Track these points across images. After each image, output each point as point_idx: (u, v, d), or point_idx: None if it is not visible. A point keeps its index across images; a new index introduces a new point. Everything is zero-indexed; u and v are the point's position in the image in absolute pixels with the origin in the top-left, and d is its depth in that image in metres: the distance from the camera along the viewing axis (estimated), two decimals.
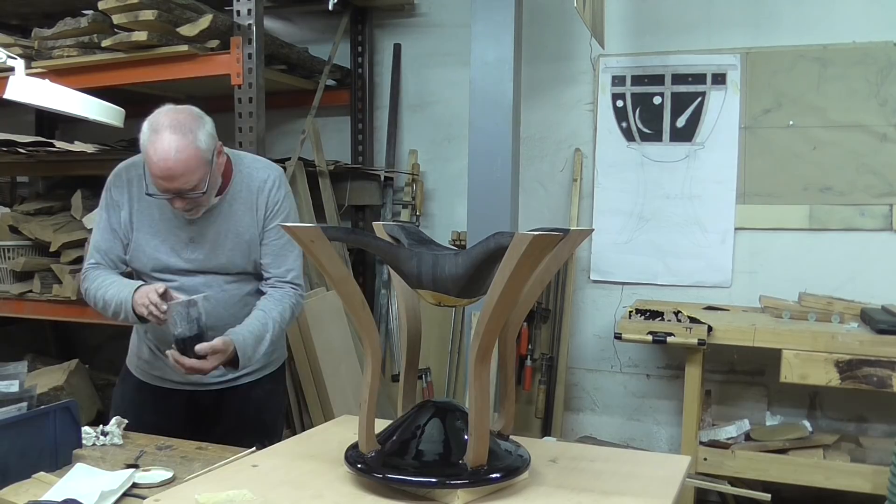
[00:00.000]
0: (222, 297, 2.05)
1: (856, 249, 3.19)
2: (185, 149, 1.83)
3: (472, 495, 1.29)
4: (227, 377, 2.09)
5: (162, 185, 1.86)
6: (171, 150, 1.82)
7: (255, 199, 2.06)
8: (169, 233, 2.02)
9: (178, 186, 1.85)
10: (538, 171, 3.61)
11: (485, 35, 2.76)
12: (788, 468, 2.85)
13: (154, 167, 1.84)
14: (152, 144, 1.84)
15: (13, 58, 1.96)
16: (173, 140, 1.83)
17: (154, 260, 2.02)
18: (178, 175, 1.83)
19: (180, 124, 1.86)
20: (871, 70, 3.13)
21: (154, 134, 1.85)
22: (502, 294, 1.19)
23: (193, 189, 1.87)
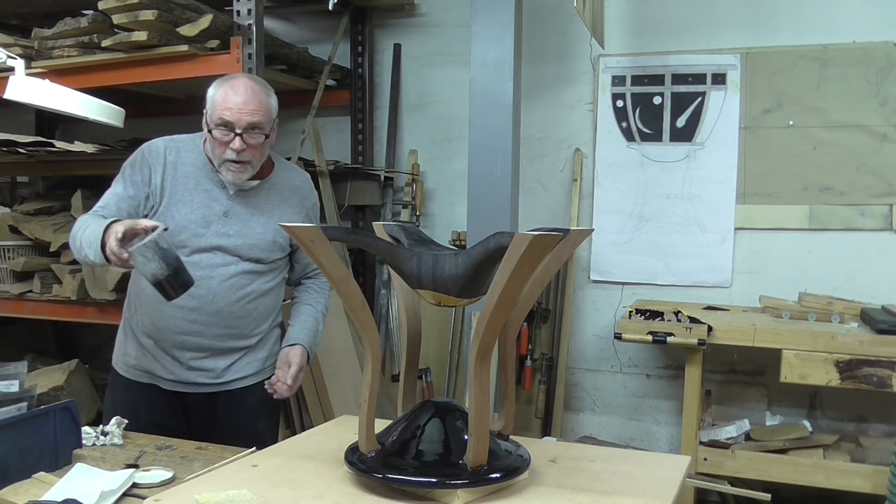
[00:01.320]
0: (235, 284, 2.03)
1: (856, 249, 3.19)
2: (258, 91, 1.95)
3: (472, 495, 1.29)
4: (219, 379, 2.07)
5: (230, 117, 1.90)
6: (247, 87, 1.93)
7: (295, 196, 2.13)
8: (203, 204, 2.01)
9: (247, 119, 1.91)
10: (538, 171, 3.61)
11: (485, 35, 2.75)
12: (788, 468, 2.85)
13: (227, 99, 1.91)
14: (227, 83, 1.94)
15: (13, 58, 1.96)
16: (249, 82, 1.96)
17: (183, 229, 1.99)
18: (250, 108, 1.92)
19: (256, 78, 2.02)
20: (871, 70, 3.13)
21: (230, 78, 1.98)
22: (502, 294, 1.19)
23: (258, 128, 1.93)
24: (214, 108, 1.94)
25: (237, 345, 2.09)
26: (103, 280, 2.93)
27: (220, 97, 1.93)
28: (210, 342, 2.04)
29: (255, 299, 2.07)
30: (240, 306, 2.05)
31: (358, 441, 1.37)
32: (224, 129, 1.92)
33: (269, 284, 2.11)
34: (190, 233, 2.00)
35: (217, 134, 1.93)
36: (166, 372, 2.05)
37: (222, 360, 2.07)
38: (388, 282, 3.78)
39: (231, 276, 2.03)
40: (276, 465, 1.47)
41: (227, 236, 2.02)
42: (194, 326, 2.02)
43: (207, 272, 1.99)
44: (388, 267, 1.47)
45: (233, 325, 2.06)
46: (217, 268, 2.01)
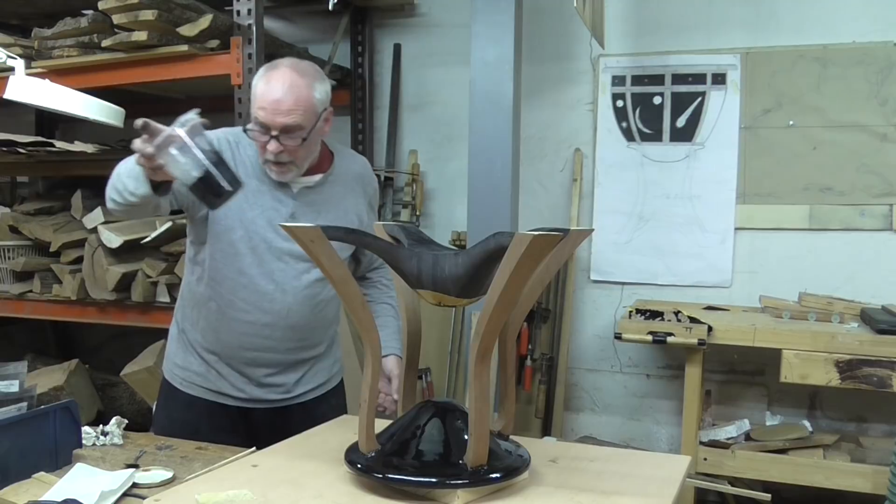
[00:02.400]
0: (310, 294, 1.90)
1: (856, 249, 3.19)
2: (298, 87, 1.75)
3: (472, 495, 1.29)
4: (290, 393, 1.97)
5: (264, 118, 1.74)
6: (285, 82, 1.74)
7: (359, 184, 2.00)
8: (268, 205, 1.86)
9: (282, 121, 1.73)
10: (538, 171, 3.61)
11: (485, 35, 2.76)
12: (788, 468, 2.85)
13: (262, 96, 1.74)
14: (266, 75, 1.77)
15: (13, 58, 1.96)
16: (290, 75, 1.76)
17: (249, 232, 1.84)
18: (285, 108, 1.73)
19: (302, 68, 1.80)
20: (871, 70, 3.13)
21: (271, 69, 1.78)
22: (502, 294, 1.19)
23: (294, 131, 1.75)
24: (252, 104, 1.79)
25: (308, 355, 1.99)
26: (103, 280, 2.93)
27: (258, 91, 1.76)
28: (283, 357, 1.94)
29: (326, 306, 1.97)
30: (313, 315, 1.94)
31: (358, 441, 1.37)
32: (259, 130, 1.77)
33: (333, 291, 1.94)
34: (257, 241, 1.86)
35: (252, 134, 1.78)
36: (234, 389, 1.94)
37: (293, 373, 1.97)
38: None
39: (306, 286, 1.90)
40: (276, 465, 1.47)
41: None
42: (267, 342, 1.90)
43: (281, 284, 1.87)
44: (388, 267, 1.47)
45: (305, 337, 1.96)
46: (291, 279, 1.88)
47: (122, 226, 2.95)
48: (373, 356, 1.36)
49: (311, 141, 1.81)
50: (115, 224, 2.94)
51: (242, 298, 1.88)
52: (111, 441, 1.77)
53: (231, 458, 1.57)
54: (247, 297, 1.87)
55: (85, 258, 2.95)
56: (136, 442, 1.80)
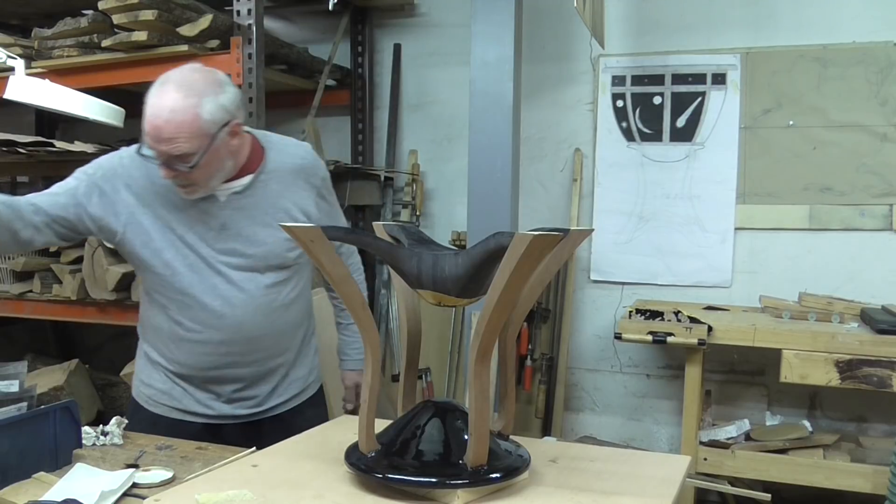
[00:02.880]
0: (262, 302, 1.83)
1: (856, 249, 3.19)
2: (181, 111, 1.60)
3: (472, 495, 1.29)
4: (263, 406, 1.91)
5: (151, 145, 1.64)
6: (165, 107, 1.60)
7: (299, 177, 1.87)
8: (196, 218, 1.76)
9: (165, 150, 1.62)
10: (538, 171, 3.61)
11: (485, 35, 2.75)
12: (788, 468, 2.85)
13: (146, 121, 1.62)
14: (151, 97, 1.63)
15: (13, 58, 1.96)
16: (172, 98, 1.60)
17: (180, 250, 1.76)
18: (165, 137, 1.60)
19: (189, 85, 1.63)
20: (871, 70, 3.13)
21: (158, 86, 1.63)
22: (502, 294, 1.19)
23: (181, 159, 1.62)
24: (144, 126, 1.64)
25: (277, 363, 1.92)
26: (103, 280, 2.93)
27: (144, 113, 1.62)
28: (249, 370, 1.87)
29: (285, 311, 1.88)
30: (271, 324, 1.85)
31: (358, 441, 1.37)
32: (151, 154, 1.66)
33: (297, 289, 1.91)
34: (192, 258, 1.77)
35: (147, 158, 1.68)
36: (201, 407, 1.89)
37: (265, 384, 1.91)
38: (388, 282, 3.78)
39: (255, 296, 1.81)
40: (276, 465, 1.47)
41: (236, 253, 1.79)
42: (227, 359, 1.84)
43: (227, 299, 1.79)
44: (388, 267, 1.47)
45: (268, 347, 1.88)
46: (236, 292, 1.80)
47: None
48: (373, 356, 1.36)
49: (208, 164, 1.66)
50: None
51: (190, 318, 1.81)
52: (111, 441, 1.77)
53: (231, 458, 1.57)
54: (194, 316, 1.80)
55: (85, 258, 2.94)
56: (136, 442, 1.79)
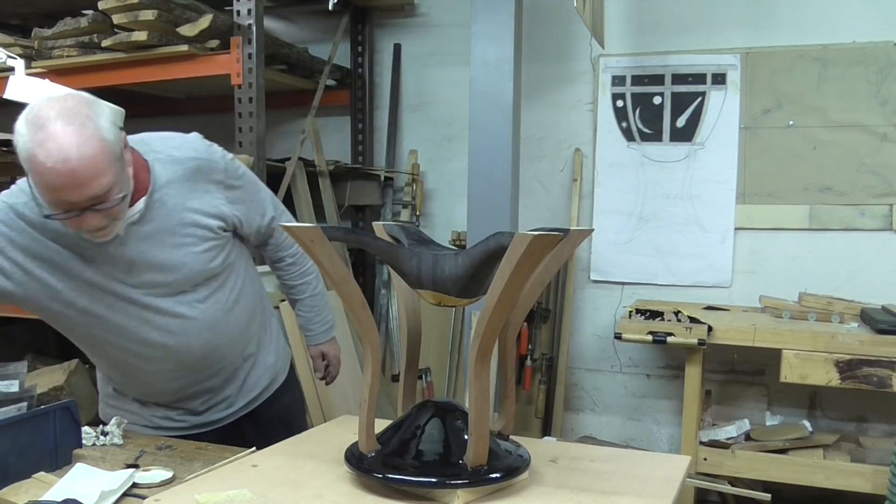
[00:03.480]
0: (203, 319, 1.69)
1: (856, 249, 3.19)
2: (87, 142, 1.38)
3: (472, 495, 1.29)
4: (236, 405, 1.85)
5: (64, 199, 1.39)
6: (70, 146, 1.36)
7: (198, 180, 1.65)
8: (102, 258, 1.57)
9: (90, 194, 1.39)
10: (538, 171, 3.61)
11: (485, 35, 2.76)
12: (788, 468, 2.85)
13: (49, 175, 1.36)
14: (40, 145, 1.36)
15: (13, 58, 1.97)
16: (69, 133, 1.37)
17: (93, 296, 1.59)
18: (86, 179, 1.38)
19: (72, 112, 1.40)
20: (871, 70, 3.13)
21: (39, 131, 1.37)
22: (502, 294, 1.19)
23: (108, 195, 1.42)
24: (37, 185, 1.40)
25: (241, 360, 1.83)
26: None
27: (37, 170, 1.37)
28: (214, 381, 1.80)
29: (231, 313, 1.75)
30: (221, 334, 1.74)
31: (358, 441, 1.37)
32: (63, 213, 1.42)
33: (236, 287, 1.76)
34: (111, 299, 1.60)
35: (58, 219, 1.44)
36: (176, 422, 1.83)
37: (233, 384, 1.84)
38: (388, 282, 3.78)
39: (192, 315, 1.67)
40: (276, 465, 1.47)
41: (155, 284, 1.62)
42: (187, 380, 1.76)
43: (164, 329, 1.65)
44: (388, 267, 1.47)
45: (227, 353, 1.78)
46: (171, 318, 1.65)
47: None
48: (373, 356, 1.35)
49: (126, 189, 1.48)
50: None
51: (134, 356, 1.69)
52: (111, 441, 1.77)
53: (231, 458, 1.57)
54: (138, 353, 1.68)
55: None
56: (136, 442, 1.79)
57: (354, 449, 1.38)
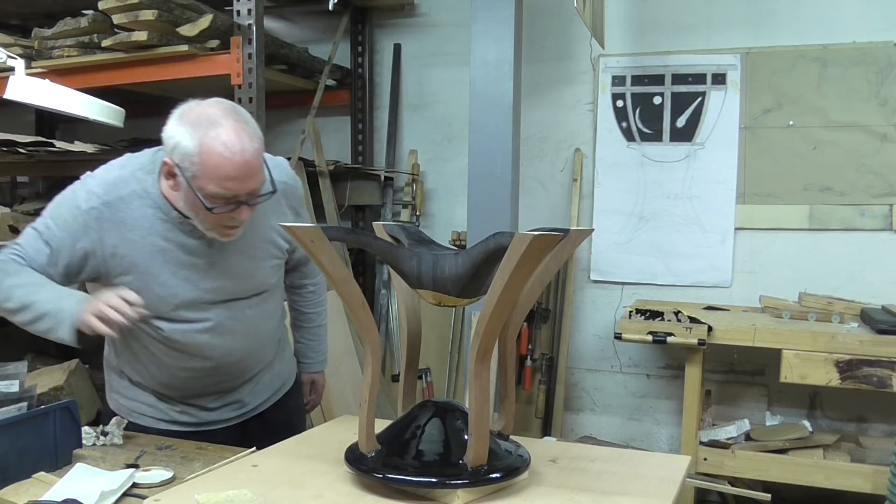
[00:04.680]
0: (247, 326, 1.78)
1: (856, 249, 3.19)
2: (253, 138, 1.53)
3: (472, 495, 1.29)
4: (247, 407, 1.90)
5: (233, 189, 1.52)
6: (243, 140, 1.50)
7: (282, 200, 1.76)
8: (183, 262, 1.67)
9: (252, 186, 1.54)
10: (538, 171, 3.61)
11: (485, 35, 2.76)
12: (788, 468, 2.85)
13: (227, 165, 1.49)
14: (217, 139, 1.49)
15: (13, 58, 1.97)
16: (240, 130, 1.51)
17: (165, 297, 1.66)
18: (255, 171, 1.53)
19: (234, 112, 1.55)
20: (871, 70, 3.13)
21: (213, 127, 1.50)
22: (502, 294, 1.19)
23: (260, 189, 1.57)
24: (206, 178, 1.51)
25: (259, 368, 1.91)
26: None
27: (215, 162, 1.49)
28: (234, 383, 1.86)
29: (266, 325, 1.86)
30: (256, 342, 1.84)
31: (358, 441, 1.37)
32: (224, 205, 1.54)
33: (273, 301, 1.88)
34: (178, 301, 1.68)
35: (217, 211, 1.54)
36: (190, 417, 1.86)
37: (248, 387, 1.90)
38: (388, 282, 3.78)
39: (241, 322, 1.77)
40: (276, 465, 1.47)
41: (222, 289, 1.71)
42: (214, 379, 1.82)
43: (216, 332, 1.73)
44: (388, 267, 1.47)
45: (254, 360, 1.87)
46: (227, 329, 1.74)
47: None
48: (373, 356, 1.36)
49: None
50: None
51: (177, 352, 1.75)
52: (111, 441, 1.77)
53: (231, 458, 1.57)
54: (181, 350, 1.75)
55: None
56: (136, 442, 1.79)
57: (354, 449, 1.38)
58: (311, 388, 2.18)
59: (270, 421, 1.93)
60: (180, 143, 1.52)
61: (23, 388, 1.63)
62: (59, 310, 1.56)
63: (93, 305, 1.52)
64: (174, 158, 1.54)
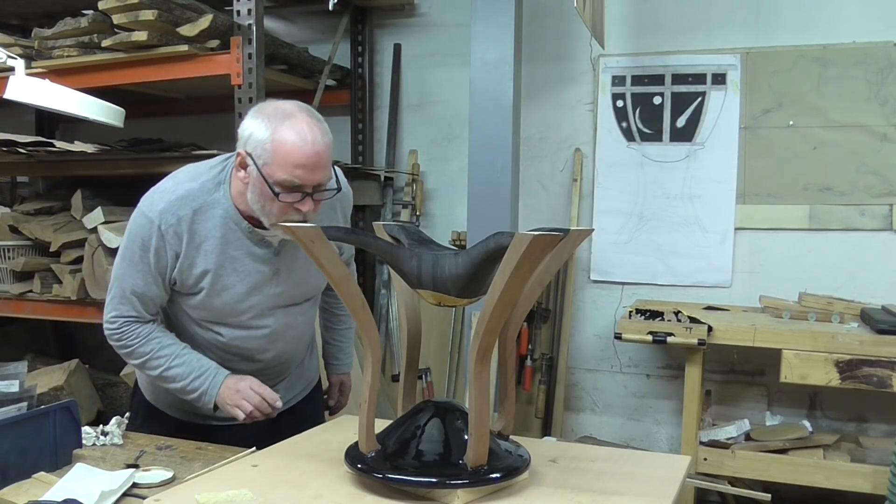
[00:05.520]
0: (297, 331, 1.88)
1: (856, 249, 3.19)
2: (325, 133, 1.63)
3: (472, 495, 1.29)
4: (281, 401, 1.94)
5: (303, 178, 1.59)
6: (316, 132, 1.59)
7: (338, 208, 1.86)
8: (251, 269, 1.74)
9: (320, 178, 1.61)
10: (538, 171, 3.61)
11: (485, 35, 2.76)
12: (788, 468, 2.85)
13: (298, 154, 1.56)
14: (291, 128, 1.58)
15: (13, 58, 1.96)
16: (313, 124, 1.60)
17: (232, 305, 1.74)
18: (325, 162, 1.62)
19: (307, 109, 1.64)
20: (871, 70, 3.13)
21: (288, 119, 1.59)
22: (502, 294, 1.19)
23: (327, 184, 1.65)
24: (277, 164, 1.58)
25: (295, 366, 2.00)
26: (103, 280, 2.93)
27: (287, 150, 1.57)
28: (274, 381, 1.92)
29: (308, 326, 1.96)
30: (298, 344, 1.93)
31: (358, 441, 1.37)
32: (292, 192, 1.60)
33: (316, 305, 1.98)
34: (244, 307, 1.76)
35: (284, 197, 1.60)
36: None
37: (285, 383, 1.97)
38: (388, 282, 3.78)
39: (292, 326, 1.86)
40: (276, 465, 1.47)
41: (282, 295, 1.80)
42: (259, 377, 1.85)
43: (271, 339, 1.82)
44: (388, 267, 1.47)
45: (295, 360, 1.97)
46: (280, 333, 1.83)
47: (122, 226, 2.94)
48: (373, 356, 1.36)
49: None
50: (115, 224, 2.94)
51: (234, 354, 1.83)
52: (111, 441, 1.77)
53: (231, 458, 1.57)
54: (237, 352, 1.83)
55: (85, 258, 2.94)
56: (136, 442, 1.79)
57: (354, 449, 1.38)
58: (340, 389, 2.20)
59: (300, 414, 1.98)
60: (254, 132, 1.60)
61: (23, 388, 1.63)
62: (203, 392, 1.75)
63: (236, 400, 1.73)
64: (247, 148, 1.62)
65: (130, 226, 1.73)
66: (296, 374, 2.02)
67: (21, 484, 1.48)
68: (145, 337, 1.76)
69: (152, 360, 1.76)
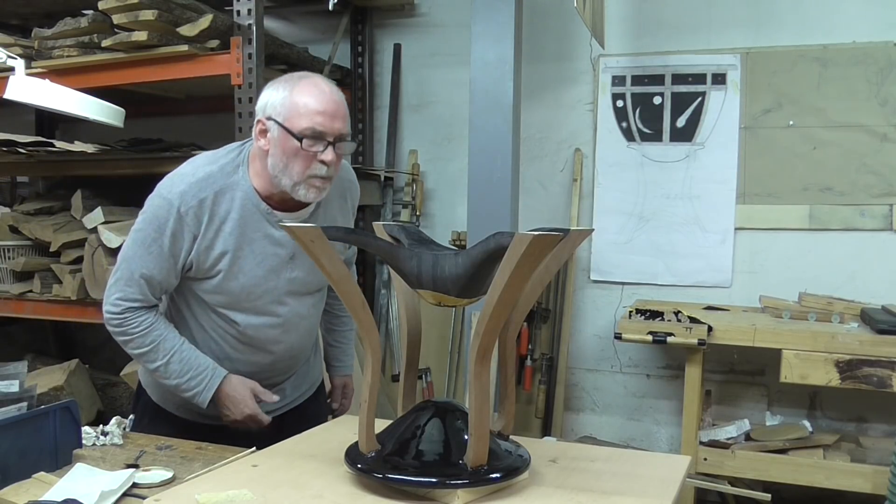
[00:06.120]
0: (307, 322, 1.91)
1: (856, 249, 3.19)
2: (339, 93, 1.70)
3: (472, 495, 1.29)
4: (288, 398, 1.98)
5: (325, 124, 1.64)
6: (329, 90, 1.67)
7: (347, 196, 1.92)
8: (268, 252, 1.76)
9: (339, 127, 1.66)
10: (538, 171, 3.61)
11: (485, 35, 2.76)
12: (788, 468, 2.85)
13: (318, 100, 1.64)
14: (308, 84, 1.66)
15: (13, 58, 1.96)
16: (326, 84, 1.68)
17: (249, 288, 1.76)
18: (343, 113, 1.68)
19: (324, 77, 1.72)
20: (871, 70, 3.13)
21: (304, 79, 1.68)
22: (502, 294, 1.19)
23: (346, 138, 1.69)
24: (298, 114, 1.64)
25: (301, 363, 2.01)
26: (103, 280, 2.93)
27: (306, 100, 1.64)
28: (282, 377, 1.95)
29: (316, 320, 1.98)
30: (309, 337, 1.96)
31: (358, 441, 1.37)
32: (315, 141, 1.64)
33: (323, 301, 1.99)
34: (260, 291, 1.77)
35: (307, 144, 1.64)
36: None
37: (291, 381, 1.99)
38: (388, 282, 3.78)
39: (304, 317, 1.88)
40: (276, 465, 1.47)
41: (298, 280, 1.82)
42: (269, 373, 1.90)
43: (283, 329, 1.84)
44: (388, 267, 1.47)
45: (303, 355, 1.99)
46: (294, 324, 1.85)
47: (123, 226, 2.95)
48: (373, 356, 1.36)
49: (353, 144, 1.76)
50: (115, 224, 2.94)
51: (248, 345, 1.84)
52: (111, 441, 1.77)
53: (231, 458, 1.57)
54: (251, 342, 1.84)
55: (85, 258, 2.95)
56: (136, 442, 1.79)
57: (354, 449, 1.38)
58: (343, 392, 2.20)
59: (305, 413, 2.00)
60: (272, 96, 1.67)
61: (23, 388, 1.63)
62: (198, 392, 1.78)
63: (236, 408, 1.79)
64: (266, 113, 1.67)
65: (147, 208, 1.73)
66: (302, 373, 2.03)
67: (21, 484, 1.48)
68: (147, 327, 1.75)
69: (152, 352, 1.76)
